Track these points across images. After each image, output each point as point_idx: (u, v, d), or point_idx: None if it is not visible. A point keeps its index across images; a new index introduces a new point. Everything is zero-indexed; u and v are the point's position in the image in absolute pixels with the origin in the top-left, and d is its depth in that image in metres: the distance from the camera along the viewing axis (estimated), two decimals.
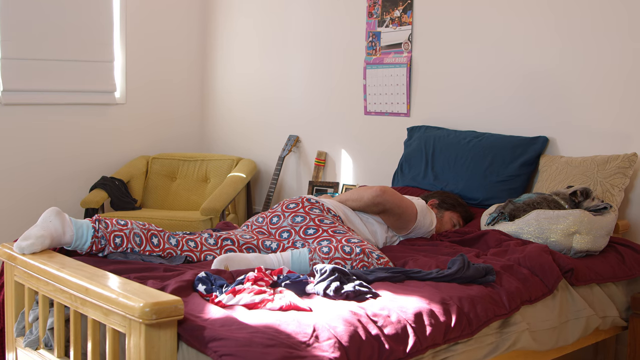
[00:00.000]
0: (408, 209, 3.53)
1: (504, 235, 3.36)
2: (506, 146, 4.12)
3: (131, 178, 5.71)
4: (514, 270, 2.90)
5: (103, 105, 5.83)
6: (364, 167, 5.10)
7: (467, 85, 4.48)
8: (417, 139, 4.56)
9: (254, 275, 2.51)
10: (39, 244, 2.80)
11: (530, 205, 3.47)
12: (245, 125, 6.01)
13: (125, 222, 3.09)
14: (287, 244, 3.26)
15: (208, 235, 3.25)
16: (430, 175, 4.35)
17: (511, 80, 4.27)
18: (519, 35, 4.22)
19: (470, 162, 4.18)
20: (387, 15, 4.88)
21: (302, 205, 3.39)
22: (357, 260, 2.97)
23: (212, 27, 6.25)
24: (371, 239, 3.52)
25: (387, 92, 4.90)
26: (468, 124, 4.46)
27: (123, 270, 2.76)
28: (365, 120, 5.08)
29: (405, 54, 4.79)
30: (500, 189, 4.04)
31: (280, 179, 5.67)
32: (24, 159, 5.45)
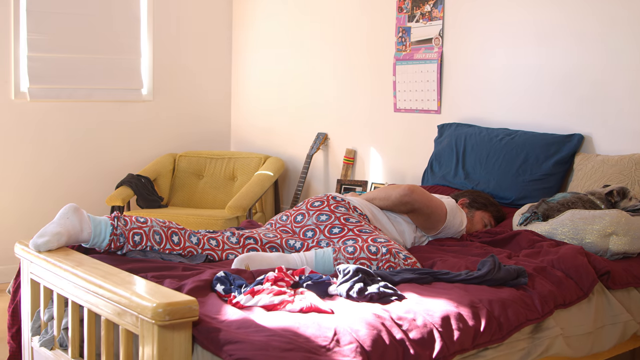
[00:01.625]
0: (437, 208, 3.41)
1: (537, 236, 3.22)
2: (540, 144, 3.98)
3: (158, 176, 5.65)
4: (548, 272, 2.77)
5: (130, 102, 5.78)
6: (393, 165, 4.99)
7: (499, 82, 4.35)
8: (447, 136, 4.44)
9: (274, 276, 2.42)
10: (55, 241, 2.72)
11: (565, 205, 3.34)
12: (274, 123, 5.92)
13: (145, 220, 3.01)
14: (312, 243, 3.16)
15: (230, 234, 3.16)
16: (461, 173, 4.23)
17: (545, 76, 4.12)
18: (555, 29, 4.08)
19: (503, 160, 4.05)
20: (418, 9, 4.76)
21: (327, 203, 3.29)
22: (384, 260, 2.86)
23: (241, 24, 6.17)
24: (399, 238, 3.41)
25: (417, 88, 4.79)
26: (500, 121, 4.33)
27: (141, 269, 2.69)
28: (395, 118, 4.96)
29: (436, 50, 4.66)
30: (533, 188, 3.90)
31: (308, 177, 5.58)
32: (50, 155, 5.42)
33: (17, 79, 5.24)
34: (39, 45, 5.28)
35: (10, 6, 5.15)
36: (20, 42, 5.22)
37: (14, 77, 5.22)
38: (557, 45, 4.07)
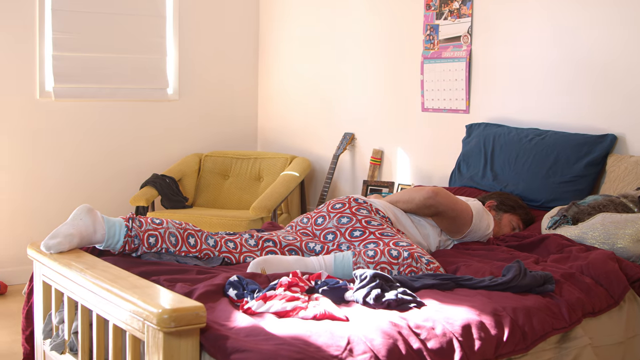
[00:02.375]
0: (463, 211, 3.30)
1: (566, 240, 3.10)
2: (571, 144, 3.85)
3: (183, 176, 5.59)
4: (576, 278, 2.65)
5: (155, 102, 5.73)
6: (420, 166, 4.87)
7: (529, 80, 4.22)
8: (476, 136, 4.32)
9: (287, 281, 2.33)
10: (66, 242, 2.67)
11: (596, 208, 3.21)
12: (300, 123, 5.84)
13: (161, 221, 2.94)
14: (332, 246, 3.07)
15: (249, 236, 3.08)
16: (489, 175, 4.10)
17: (577, 75, 3.99)
18: (586, 25, 3.94)
19: (532, 161, 3.92)
20: (446, 7, 4.64)
21: (348, 206, 3.20)
22: (405, 265, 2.76)
23: (268, 23, 6.10)
24: (423, 242, 3.30)
25: (445, 87, 4.67)
26: (530, 121, 4.20)
27: (154, 272, 2.62)
28: (423, 117, 4.85)
29: (465, 48, 4.54)
30: (563, 190, 3.77)
31: (334, 178, 5.49)
32: (75, 155, 5.39)
33: (42, 78, 5.22)
34: (64, 44, 5.26)
35: (35, 5, 5.13)
36: (45, 41, 5.20)
37: (39, 76, 5.20)
38: (588, 41, 3.93)
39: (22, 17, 5.11)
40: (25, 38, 5.14)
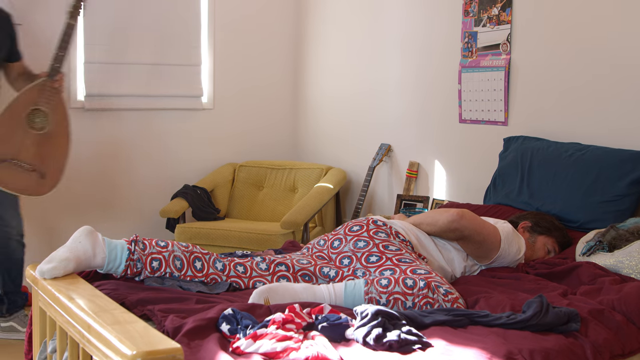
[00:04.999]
0: (490, 236, 3.08)
1: (600, 269, 2.86)
2: (613, 161, 3.59)
3: (216, 186, 5.47)
4: (605, 316, 2.41)
5: (189, 111, 5.63)
6: (457, 180, 4.66)
7: (571, 92, 3.97)
8: (513, 150, 4.08)
9: (281, 317, 2.15)
10: (61, 267, 2.55)
11: (635, 233, 2.96)
12: (337, 132, 5.67)
13: (166, 244, 2.80)
14: (347, 272, 2.89)
15: (260, 260, 2.92)
16: (525, 192, 3.87)
17: (622, 87, 3.73)
18: (634, 35, 3.68)
19: (571, 178, 3.68)
20: (485, 13, 4.42)
21: (366, 229, 3.02)
22: (421, 296, 2.57)
23: (304, 33, 5.95)
24: (447, 267, 3.10)
25: (483, 98, 4.44)
26: (571, 134, 3.95)
27: (151, 300, 2.48)
28: (460, 129, 4.63)
29: (504, 56, 4.31)
30: (604, 210, 3.51)
31: (370, 190, 5.30)
32: (107, 164, 5.32)
33: (73, 87, 5.15)
34: (95, 53, 5.19)
35: None
36: (77, 51, 5.13)
37: (71, 86, 5.14)
38: (636, 52, 3.67)
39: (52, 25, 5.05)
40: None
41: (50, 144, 4.02)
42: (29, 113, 3.93)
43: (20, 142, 3.92)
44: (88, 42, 5.15)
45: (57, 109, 4.01)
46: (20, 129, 3.94)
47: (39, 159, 3.96)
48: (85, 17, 5.12)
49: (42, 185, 4.00)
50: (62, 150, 4.11)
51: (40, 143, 3.98)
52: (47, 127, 3.98)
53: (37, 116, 3.94)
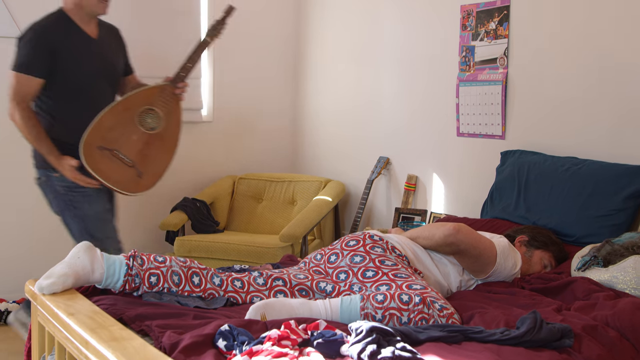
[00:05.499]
0: (486, 250, 3.10)
1: (595, 284, 2.88)
2: (609, 175, 3.61)
3: (215, 199, 5.50)
4: (599, 332, 2.43)
5: (189, 124, 5.65)
6: (455, 193, 4.68)
7: (568, 106, 4.00)
8: (510, 164, 4.11)
9: (277, 334, 2.17)
10: (60, 283, 2.57)
11: (629, 249, 2.98)
12: (336, 146, 5.70)
13: (164, 259, 2.83)
14: (344, 286, 2.91)
15: (258, 274, 2.94)
16: (522, 206, 3.89)
17: (618, 101, 3.76)
18: (629, 50, 3.71)
19: (567, 193, 3.70)
20: (482, 27, 4.45)
21: (362, 243, 3.04)
22: (416, 311, 2.59)
23: (303, 47, 5.98)
24: (442, 282, 3.12)
25: (481, 111, 4.47)
26: (568, 148, 3.98)
27: (149, 316, 2.50)
28: (458, 142, 4.66)
29: (501, 70, 4.34)
30: (600, 224, 3.54)
31: (368, 203, 5.32)
32: None
33: None
34: None
35: None
36: None
37: None
38: (630, 66, 3.70)
39: None
40: None
41: (155, 147, 3.88)
42: (142, 111, 3.82)
43: (127, 135, 3.79)
44: None
45: (171, 115, 3.91)
46: (130, 123, 3.81)
47: (140, 158, 3.82)
48: None
49: (137, 184, 3.84)
50: (165, 156, 3.98)
51: (146, 143, 3.85)
52: (157, 129, 3.85)
53: (150, 116, 3.84)
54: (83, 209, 3.75)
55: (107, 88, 3.90)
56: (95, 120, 3.68)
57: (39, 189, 3.87)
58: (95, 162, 3.68)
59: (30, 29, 3.69)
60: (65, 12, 3.75)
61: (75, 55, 3.71)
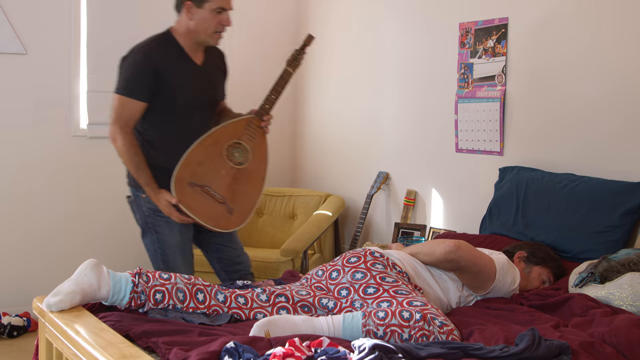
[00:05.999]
0: (486, 267, 3.16)
1: (592, 301, 2.93)
2: (606, 192, 3.67)
3: None
4: (596, 348, 2.48)
5: None
6: (454, 208, 4.74)
7: (565, 123, 4.06)
8: (508, 181, 4.17)
9: (282, 351, 2.22)
10: (67, 300, 2.63)
11: (625, 265, 3.03)
12: (335, 161, 5.76)
13: (169, 276, 2.88)
14: (345, 303, 2.96)
15: (261, 291, 2.99)
16: (520, 222, 3.95)
17: (615, 119, 3.82)
18: (625, 68, 3.77)
19: (565, 209, 3.76)
20: (480, 45, 4.52)
21: (364, 260, 3.09)
22: (417, 328, 2.63)
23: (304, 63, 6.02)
24: (442, 297, 3.17)
25: (479, 128, 4.53)
26: (565, 165, 4.04)
27: (156, 332, 2.55)
28: (457, 158, 4.72)
29: (499, 87, 4.41)
30: (598, 240, 3.59)
31: (368, 218, 5.38)
32: (108, 192, 5.39)
33: (76, 116, 5.24)
34: (98, 82, 5.28)
35: (69, 45, 5.17)
36: (80, 80, 5.23)
37: (74, 114, 5.23)
38: (627, 85, 3.77)
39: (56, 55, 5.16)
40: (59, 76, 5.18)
41: (244, 182, 3.81)
42: (230, 145, 3.75)
43: (216, 170, 3.72)
44: (91, 70, 5.24)
45: (258, 148, 3.84)
46: (219, 158, 3.74)
47: (229, 193, 3.74)
48: (88, 48, 5.22)
49: (227, 220, 3.73)
50: (254, 191, 3.87)
51: (234, 177, 3.77)
52: (245, 163, 3.78)
53: (237, 150, 3.77)
54: (164, 234, 3.70)
55: (204, 114, 3.85)
56: (185, 156, 3.63)
57: (129, 207, 3.85)
58: (188, 199, 3.62)
59: (137, 50, 3.64)
60: (174, 36, 3.71)
61: (178, 83, 3.66)
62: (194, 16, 3.63)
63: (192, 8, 3.62)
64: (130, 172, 3.69)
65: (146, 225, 3.74)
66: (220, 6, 3.63)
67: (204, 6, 3.62)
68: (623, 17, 3.77)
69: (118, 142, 3.61)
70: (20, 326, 4.85)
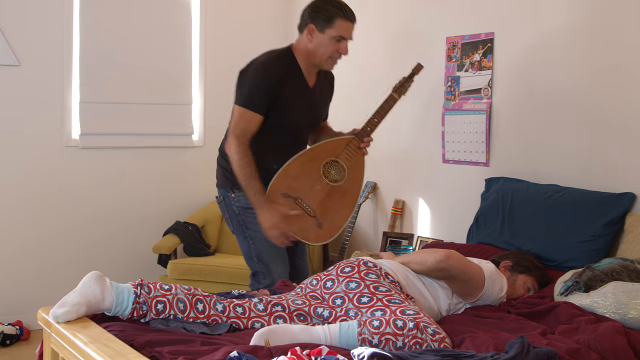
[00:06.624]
0: (475, 275, 3.27)
1: (577, 309, 3.05)
2: (589, 203, 3.81)
3: (206, 222, 5.64)
4: (582, 355, 2.60)
5: (180, 148, 5.80)
6: (441, 218, 4.85)
7: (549, 135, 4.20)
8: (494, 191, 4.29)
9: None
10: (74, 311, 2.71)
11: (609, 274, 3.16)
12: None
13: (170, 287, 2.97)
14: (340, 312, 3.06)
15: (257, 300, 3.09)
16: (506, 232, 4.07)
17: (597, 131, 3.96)
18: (606, 82, 3.91)
19: (550, 219, 3.89)
20: (467, 58, 4.64)
21: (357, 270, 3.19)
22: (410, 336, 2.74)
23: None
24: (433, 305, 3.28)
25: (465, 139, 4.66)
26: (550, 176, 4.17)
27: (159, 342, 2.63)
28: (444, 169, 4.84)
29: (485, 100, 4.53)
30: (581, 250, 3.72)
31: (356, 227, 5.48)
32: (100, 202, 5.47)
33: (68, 126, 5.31)
34: (90, 93, 5.35)
35: (62, 55, 5.24)
36: (72, 91, 5.30)
37: (66, 125, 5.30)
38: (608, 98, 3.90)
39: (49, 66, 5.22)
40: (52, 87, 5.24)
41: (337, 199, 3.89)
42: (327, 162, 3.86)
43: (311, 185, 3.82)
44: (83, 82, 5.32)
45: (354, 168, 3.94)
46: (315, 173, 3.85)
47: (322, 209, 3.83)
48: (81, 58, 5.29)
49: (316, 234, 3.83)
50: (345, 210, 3.95)
51: (328, 194, 3.86)
52: (340, 181, 3.88)
53: (334, 168, 3.86)
54: (256, 230, 3.79)
55: (307, 133, 4.01)
56: (282, 168, 3.75)
57: (219, 208, 3.97)
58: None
59: (258, 64, 3.76)
60: (294, 54, 3.83)
61: (290, 102, 3.79)
62: (313, 39, 3.78)
63: (314, 31, 3.77)
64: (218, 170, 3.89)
65: (237, 224, 3.87)
66: (340, 35, 3.78)
67: (326, 32, 3.76)
68: (607, 34, 3.90)
69: (232, 150, 3.72)
70: (13, 335, 4.91)
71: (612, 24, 3.87)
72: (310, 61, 3.85)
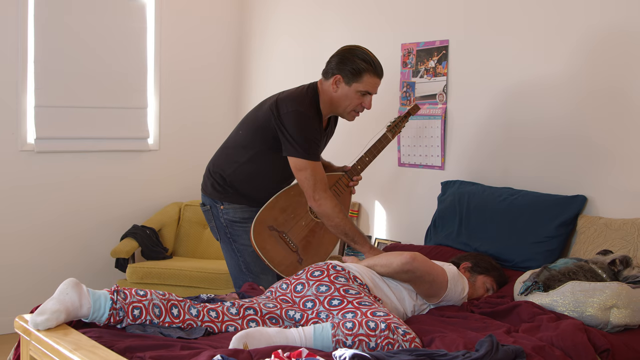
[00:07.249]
0: (439, 276, 3.40)
1: (537, 308, 3.20)
2: (543, 205, 3.98)
3: (163, 226, 5.66)
4: (546, 352, 2.74)
5: (136, 152, 5.81)
6: (398, 220, 4.98)
7: (503, 140, 4.36)
8: (451, 194, 4.43)
9: None
10: (54, 319, 2.74)
11: (566, 274, 3.32)
12: None
13: (145, 293, 3.01)
14: (311, 314, 3.15)
15: (230, 304, 3.16)
16: (464, 234, 4.22)
17: (549, 136, 4.13)
18: (558, 88, 4.08)
19: (505, 221, 4.05)
20: (422, 65, 4.77)
21: (327, 274, 3.29)
22: (382, 337, 2.85)
23: (247, 75, 6.20)
24: (399, 306, 3.39)
25: (421, 144, 4.79)
26: (504, 179, 4.33)
27: (139, 347, 2.68)
28: (400, 172, 4.96)
29: (440, 106, 4.67)
30: (536, 250, 3.89)
31: None
32: (56, 206, 5.44)
33: (24, 130, 5.28)
34: (45, 97, 5.33)
35: (17, 59, 5.20)
36: (27, 94, 5.27)
37: (21, 128, 5.26)
38: (559, 104, 4.07)
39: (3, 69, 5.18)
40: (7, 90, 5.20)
41: (319, 236, 3.93)
42: None
43: (297, 220, 3.86)
44: (38, 86, 5.29)
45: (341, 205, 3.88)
46: (302, 209, 3.88)
47: (303, 244, 3.88)
48: (35, 62, 5.26)
49: (295, 269, 3.83)
50: (328, 245, 4.00)
51: (312, 230, 3.90)
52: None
53: None
54: (244, 243, 3.84)
55: None
56: (271, 199, 3.78)
57: (204, 215, 3.99)
58: (263, 241, 3.76)
59: (301, 115, 3.71)
60: (319, 97, 3.83)
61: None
62: (339, 90, 3.79)
63: (340, 82, 3.79)
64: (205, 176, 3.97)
65: (225, 236, 3.92)
66: (366, 90, 3.80)
67: (352, 85, 3.77)
68: (558, 39, 4.07)
69: (327, 206, 3.72)
70: None
71: (558, 28, 4.04)
72: (333, 110, 3.87)
